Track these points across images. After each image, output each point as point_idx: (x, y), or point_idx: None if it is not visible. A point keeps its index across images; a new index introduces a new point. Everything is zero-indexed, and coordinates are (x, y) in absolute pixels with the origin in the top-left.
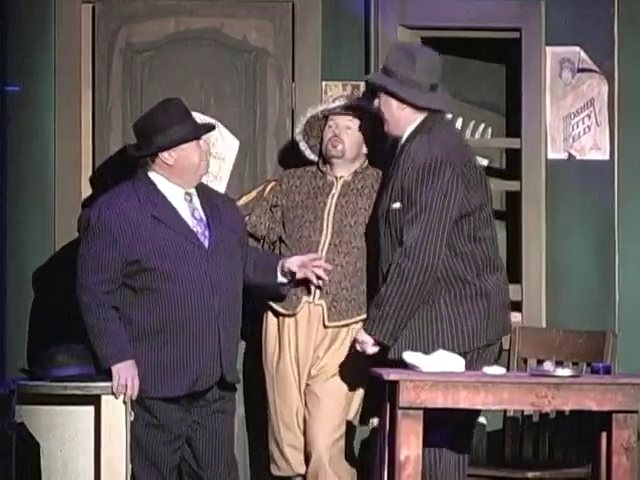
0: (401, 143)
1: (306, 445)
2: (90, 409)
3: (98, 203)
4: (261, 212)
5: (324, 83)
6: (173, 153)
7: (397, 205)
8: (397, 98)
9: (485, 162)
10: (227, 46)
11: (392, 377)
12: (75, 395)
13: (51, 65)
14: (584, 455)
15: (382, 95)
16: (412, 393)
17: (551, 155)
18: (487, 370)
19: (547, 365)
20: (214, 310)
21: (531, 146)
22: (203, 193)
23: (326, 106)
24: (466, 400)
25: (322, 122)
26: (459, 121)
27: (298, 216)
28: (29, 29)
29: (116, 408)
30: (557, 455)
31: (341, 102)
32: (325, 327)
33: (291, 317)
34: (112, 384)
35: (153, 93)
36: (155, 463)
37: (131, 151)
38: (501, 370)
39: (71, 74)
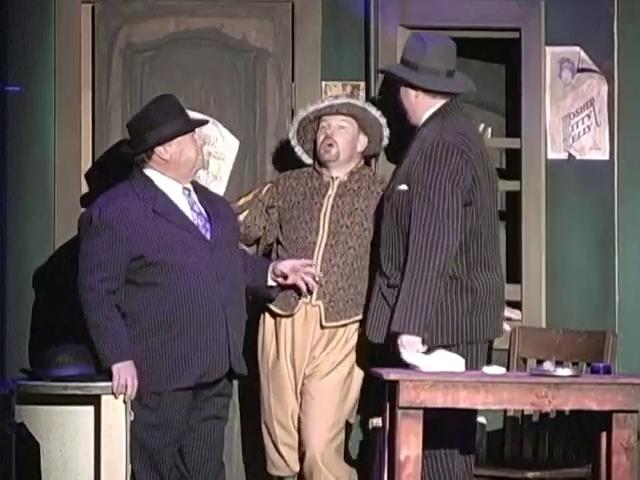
0: (417, 130)
1: (300, 444)
2: (90, 409)
3: (97, 202)
4: (256, 214)
5: (324, 83)
6: (169, 148)
7: (403, 187)
8: (412, 86)
9: None
10: (227, 46)
11: (392, 377)
12: (75, 395)
13: (51, 65)
14: (584, 455)
15: (400, 86)
16: (412, 393)
17: (551, 155)
18: (487, 370)
19: (547, 365)
20: (221, 301)
21: (531, 146)
22: (199, 189)
23: (315, 106)
24: (466, 400)
25: (315, 124)
26: None
27: (294, 217)
28: (29, 29)
29: (116, 408)
30: (557, 455)
31: (330, 101)
32: (322, 327)
33: (288, 318)
34: (112, 384)
35: (153, 93)
36: (157, 464)
37: (125, 149)
38: (501, 370)
39: (71, 74)
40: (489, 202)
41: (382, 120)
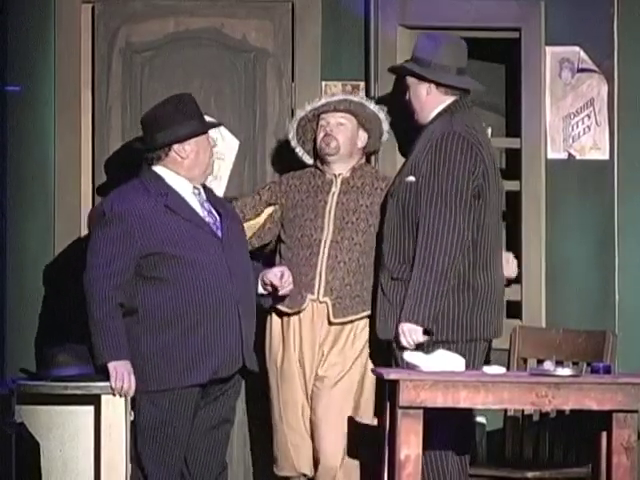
0: (424, 127)
1: (314, 451)
2: (90, 409)
3: (109, 197)
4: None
5: (324, 83)
6: (187, 146)
7: (411, 178)
8: (423, 80)
9: None
10: (227, 46)
11: (392, 376)
12: (75, 395)
13: (51, 65)
14: (584, 455)
15: (410, 84)
16: (412, 392)
17: (551, 155)
18: (487, 370)
19: (547, 365)
20: (234, 297)
21: (531, 146)
22: (207, 190)
23: (313, 105)
24: (466, 400)
25: (314, 123)
26: None
27: (298, 215)
28: (29, 29)
29: (116, 408)
30: (557, 455)
31: (328, 99)
32: (330, 324)
33: (295, 316)
34: (110, 382)
35: (153, 93)
36: (167, 463)
37: (139, 145)
38: (501, 370)
39: (71, 74)
40: (495, 200)
41: (381, 115)
